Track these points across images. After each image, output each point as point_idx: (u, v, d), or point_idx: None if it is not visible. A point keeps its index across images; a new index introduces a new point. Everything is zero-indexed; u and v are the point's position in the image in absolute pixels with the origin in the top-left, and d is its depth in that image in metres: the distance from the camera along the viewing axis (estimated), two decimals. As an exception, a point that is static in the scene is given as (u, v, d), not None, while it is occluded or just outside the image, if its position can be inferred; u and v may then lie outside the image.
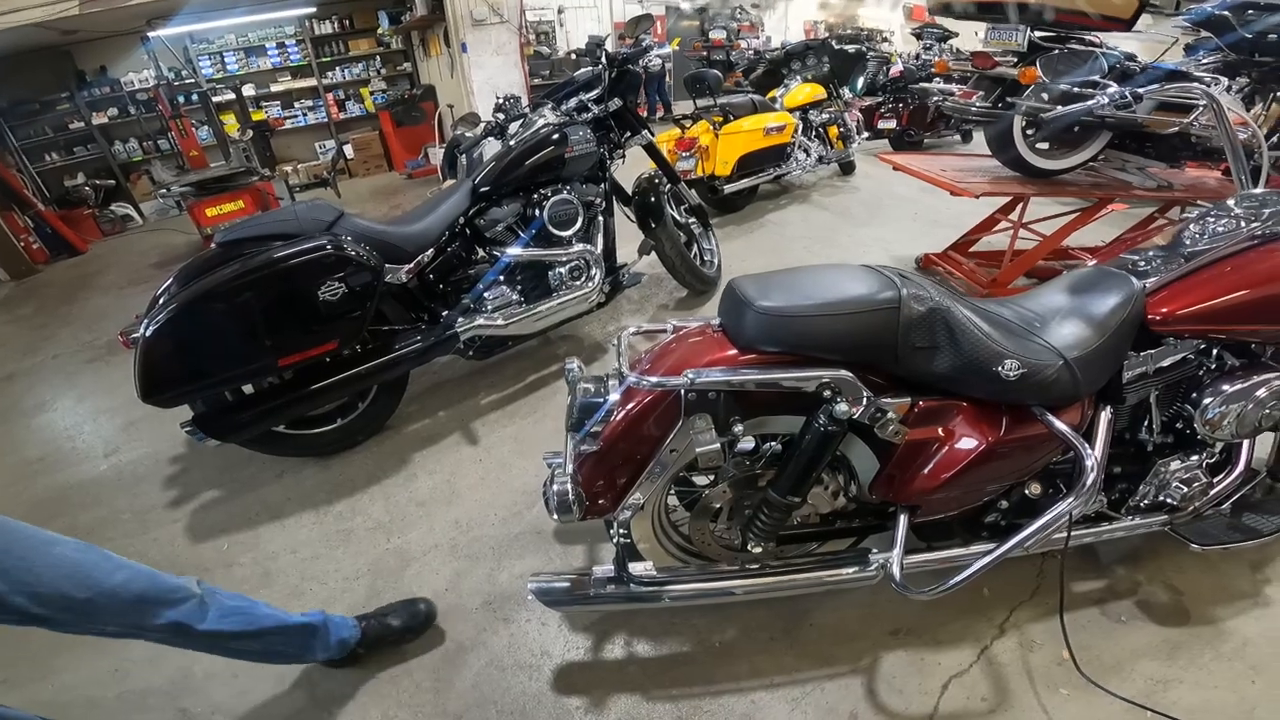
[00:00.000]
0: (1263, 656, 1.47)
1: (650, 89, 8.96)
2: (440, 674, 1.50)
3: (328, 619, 1.40)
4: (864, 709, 1.38)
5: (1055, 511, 1.21)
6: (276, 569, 1.83)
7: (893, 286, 1.13)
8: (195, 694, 1.46)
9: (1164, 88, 1.57)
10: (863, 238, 4.20)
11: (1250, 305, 1.29)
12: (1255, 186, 1.56)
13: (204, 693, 1.46)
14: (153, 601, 1.09)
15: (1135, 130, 2.68)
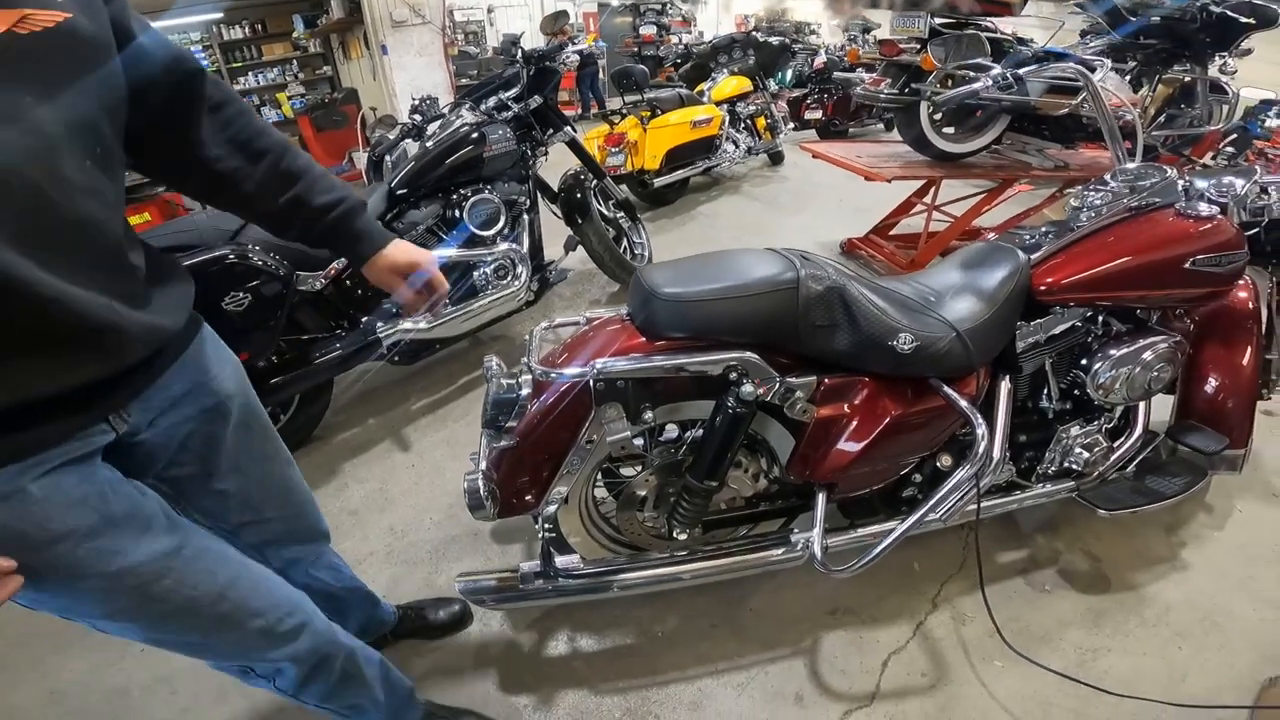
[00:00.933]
0: (1186, 622, 1.54)
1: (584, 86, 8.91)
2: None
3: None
4: (809, 690, 1.41)
5: (953, 482, 1.26)
6: None
7: (791, 267, 1.15)
8: (134, 713, 1.39)
9: (1043, 68, 1.66)
10: (791, 225, 4.30)
11: (1127, 272, 1.38)
12: (1132, 162, 1.67)
13: (145, 712, 1.40)
14: None
15: (1031, 113, 2.83)
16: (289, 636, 0.90)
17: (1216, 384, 1.75)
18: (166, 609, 0.76)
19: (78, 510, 0.66)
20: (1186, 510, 1.90)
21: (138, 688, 1.44)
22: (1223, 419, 1.73)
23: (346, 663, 1.03)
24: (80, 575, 0.68)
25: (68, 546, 0.66)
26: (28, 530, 0.63)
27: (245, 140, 0.84)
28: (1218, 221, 1.45)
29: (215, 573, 0.80)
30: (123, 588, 0.71)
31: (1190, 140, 3.31)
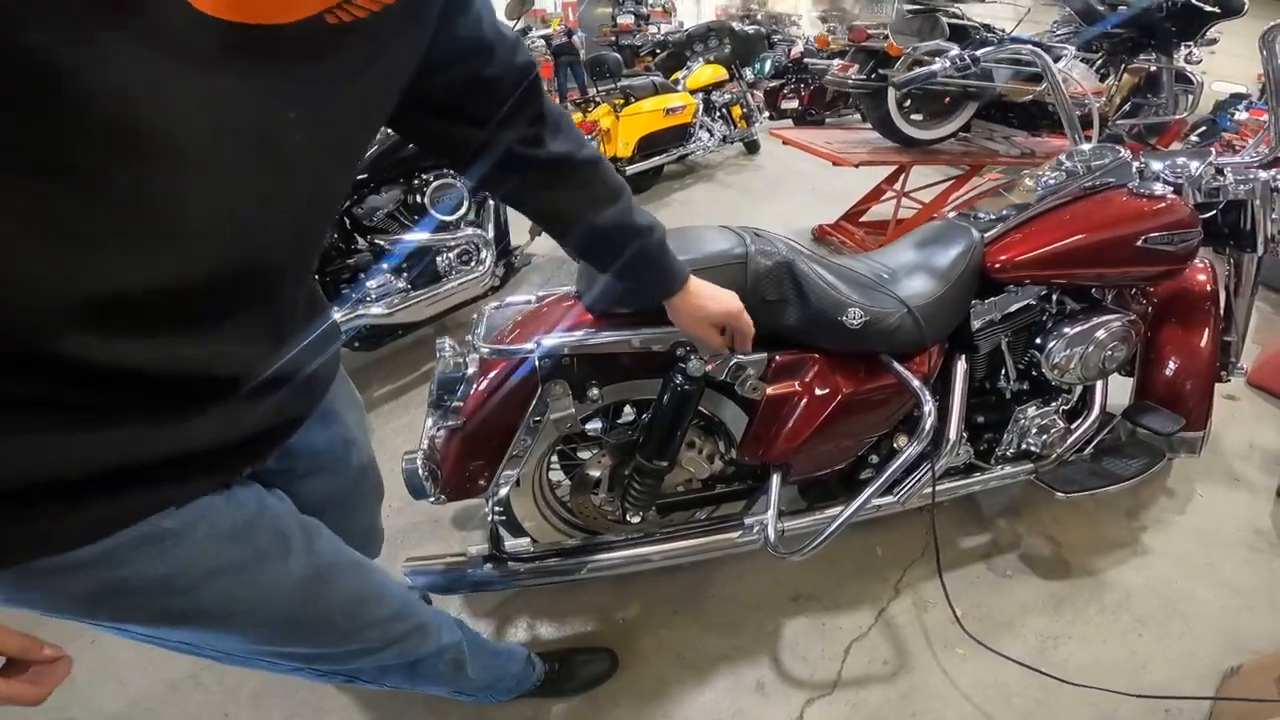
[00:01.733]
0: (1147, 608, 1.55)
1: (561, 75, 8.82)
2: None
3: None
4: (770, 677, 1.40)
5: (900, 460, 1.25)
6: None
7: (741, 243, 1.13)
8: (83, 704, 1.34)
9: (999, 50, 1.66)
10: (764, 212, 4.29)
11: (1079, 250, 1.38)
12: (1088, 144, 1.67)
13: (93, 703, 1.35)
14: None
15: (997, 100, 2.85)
16: (403, 638, 0.83)
17: (1174, 365, 1.77)
18: (301, 631, 0.70)
19: (225, 545, 0.58)
20: (1147, 494, 1.92)
21: (85, 677, 1.39)
22: (1180, 400, 1.75)
23: (455, 653, 0.96)
24: (228, 614, 0.61)
25: (217, 585, 0.58)
26: (172, 575, 0.54)
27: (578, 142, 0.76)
28: (1171, 201, 1.46)
29: (346, 587, 0.73)
30: (265, 620, 0.65)
31: (1156, 129, 3.36)
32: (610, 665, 1.39)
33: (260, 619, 0.64)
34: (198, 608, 0.58)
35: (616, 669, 1.40)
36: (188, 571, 0.55)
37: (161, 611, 0.55)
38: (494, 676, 1.12)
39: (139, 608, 0.52)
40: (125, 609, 0.55)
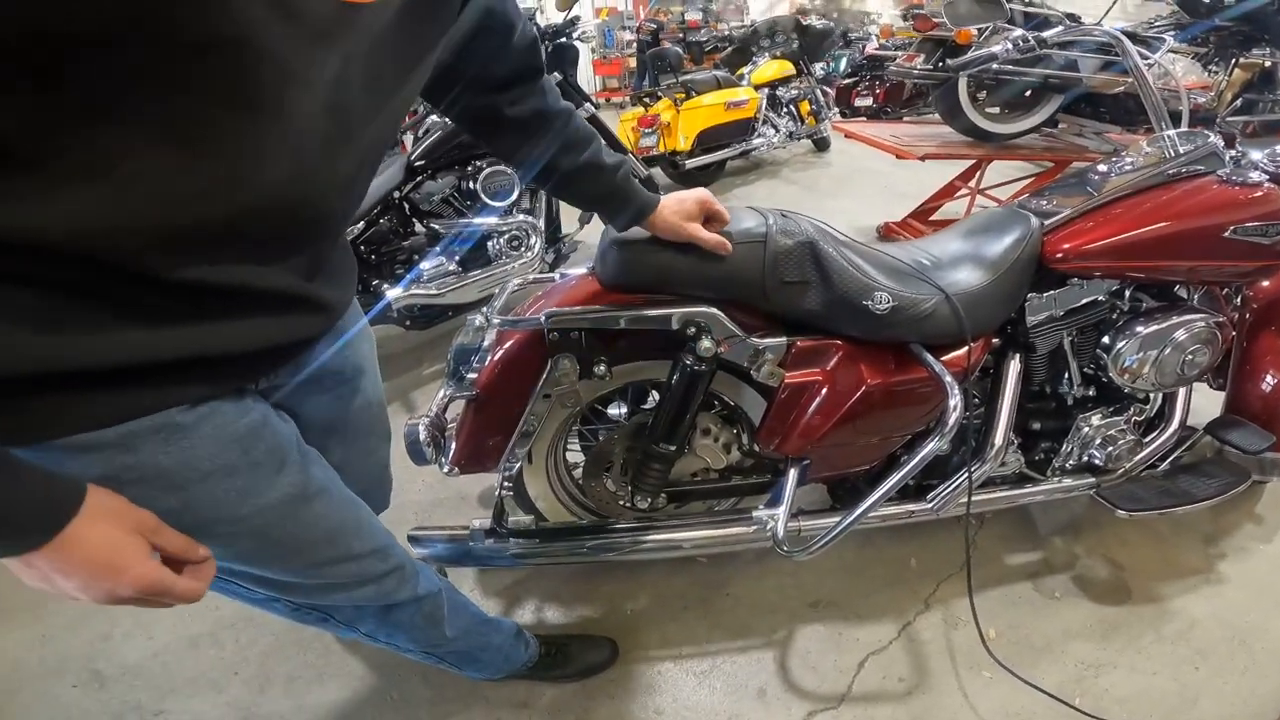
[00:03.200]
0: (1210, 640, 1.39)
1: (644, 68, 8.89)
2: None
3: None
4: (774, 685, 1.33)
5: (917, 458, 1.15)
6: None
7: (762, 222, 1.08)
8: (109, 657, 1.44)
9: (1067, 33, 1.52)
10: (827, 208, 4.14)
11: (1153, 240, 1.24)
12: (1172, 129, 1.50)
13: (118, 655, 1.44)
14: None
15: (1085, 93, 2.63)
16: (380, 578, 0.84)
17: (1271, 378, 1.58)
18: (277, 552, 0.71)
19: (224, 447, 0.60)
20: (1232, 520, 1.71)
21: (120, 633, 1.48)
22: (1276, 418, 1.55)
23: (431, 605, 0.96)
24: (212, 519, 0.62)
25: (209, 486, 0.60)
26: (172, 468, 0.57)
27: (556, 99, 0.88)
28: (1267, 190, 1.29)
29: (329, 515, 0.74)
30: (245, 531, 0.66)
31: (1274, 128, 3.03)
32: (609, 655, 1.36)
33: (242, 530, 0.65)
34: (186, 507, 0.59)
35: (615, 659, 1.37)
36: (186, 468, 0.58)
37: (153, 509, 0.56)
38: (475, 644, 1.10)
39: (135, 501, 0.53)
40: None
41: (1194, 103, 2.78)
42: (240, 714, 1.32)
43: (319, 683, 1.37)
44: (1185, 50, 2.81)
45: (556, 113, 0.88)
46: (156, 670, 1.41)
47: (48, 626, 1.51)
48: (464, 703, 1.32)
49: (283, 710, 1.32)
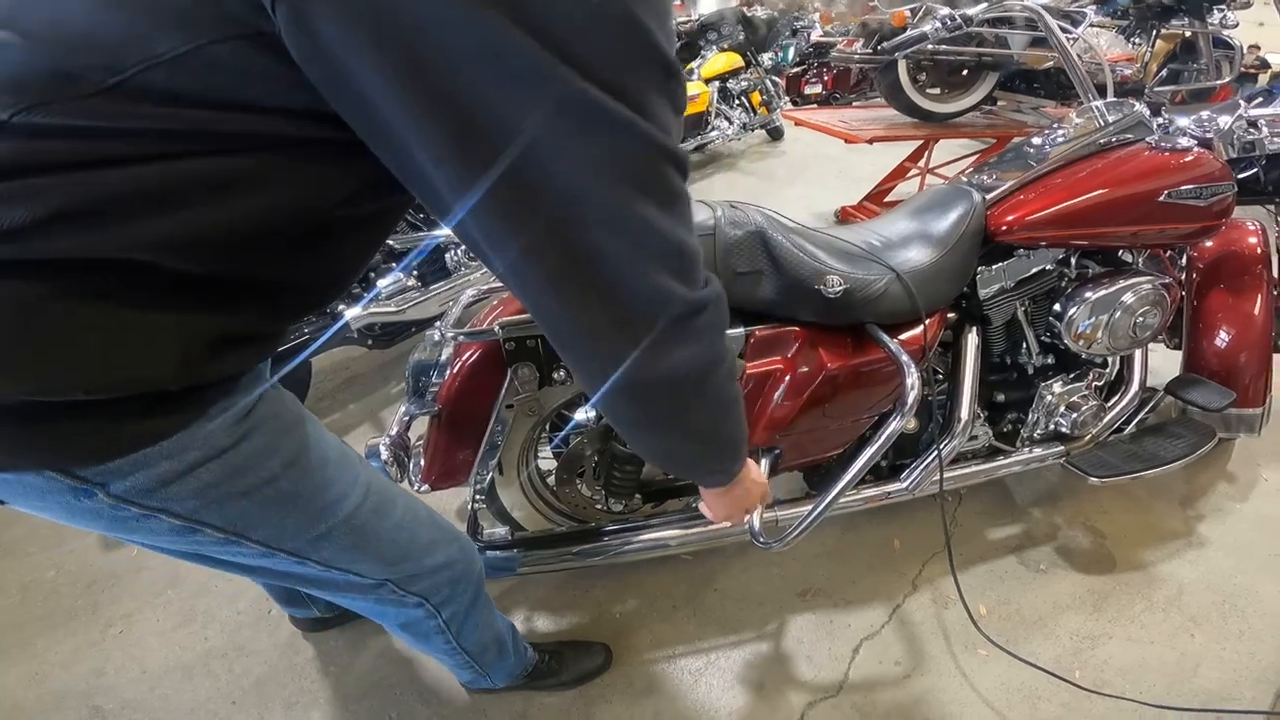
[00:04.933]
0: (1201, 606, 1.41)
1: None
2: (338, 659, 1.44)
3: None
4: (771, 677, 1.33)
5: (881, 439, 1.16)
6: (185, 570, 1.72)
7: (710, 214, 1.09)
8: (107, 692, 1.41)
9: (992, 10, 1.56)
10: (786, 197, 4.19)
11: (1093, 208, 1.28)
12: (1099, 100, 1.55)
13: (115, 690, 1.41)
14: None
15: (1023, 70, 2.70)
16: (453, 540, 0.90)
17: (1224, 335, 1.64)
18: (358, 540, 0.74)
19: (291, 401, 0.68)
20: (1205, 479, 1.75)
21: (112, 668, 1.45)
22: (1233, 373, 1.61)
23: (483, 589, 1.01)
24: (321, 460, 0.68)
25: (306, 428, 0.67)
26: (279, 413, 0.64)
27: None
28: (1197, 154, 1.34)
29: (396, 500, 0.80)
30: (333, 502, 0.70)
31: (1200, 96, 3.16)
32: (604, 660, 1.35)
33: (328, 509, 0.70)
34: (304, 447, 0.67)
35: (610, 664, 1.36)
36: (286, 411, 0.66)
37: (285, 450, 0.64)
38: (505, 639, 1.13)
39: (274, 443, 0.63)
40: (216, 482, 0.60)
41: (1121, 75, 2.87)
42: None
43: (317, 707, 1.34)
44: (1110, 24, 2.90)
45: None
46: (156, 704, 1.38)
47: (40, 664, 1.48)
48: (464, 718, 1.30)
49: None
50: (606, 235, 0.51)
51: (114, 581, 1.69)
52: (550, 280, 0.52)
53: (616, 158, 0.48)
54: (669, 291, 0.55)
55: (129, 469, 0.53)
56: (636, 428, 0.68)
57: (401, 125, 0.44)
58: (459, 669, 1.11)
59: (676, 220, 0.54)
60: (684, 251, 0.55)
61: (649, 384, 0.60)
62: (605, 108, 0.45)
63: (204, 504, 0.59)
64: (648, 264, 0.53)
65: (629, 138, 0.48)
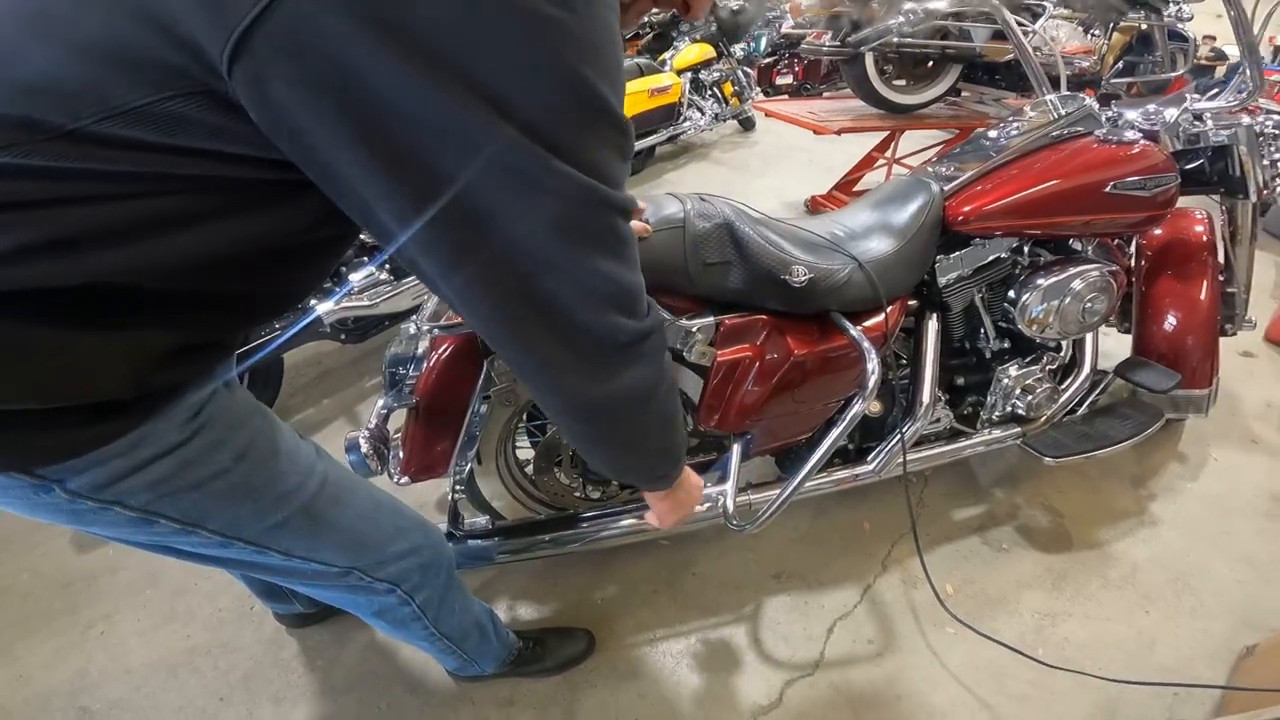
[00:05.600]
0: (1154, 583, 1.46)
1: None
2: (324, 653, 1.45)
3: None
4: (749, 658, 1.37)
5: (844, 423, 1.21)
6: (162, 569, 1.70)
7: (679, 207, 1.11)
8: (92, 692, 1.40)
9: (951, 4, 1.61)
10: (758, 188, 4.24)
11: (1044, 199, 1.34)
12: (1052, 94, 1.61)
13: (100, 691, 1.41)
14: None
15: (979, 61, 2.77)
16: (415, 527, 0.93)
17: (1172, 319, 1.72)
18: (316, 529, 0.76)
19: (246, 400, 0.71)
20: (1157, 459, 1.83)
21: (96, 669, 1.45)
22: (1180, 356, 1.69)
23: (454, 574, 1.04)
24: (273, 451, 0.70)
25: (256, 423, 0.69)
26: (231, 407, 0.67)
27: None
28: (1142, 147, 1.41)
29: (356, 490, 0.82)
30: (287, 492, 0.72)
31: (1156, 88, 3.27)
32: (587, 646, 1.38)
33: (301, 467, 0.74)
34: (253, 440, 0.69)
35: (593, 649, 1.39)
36: (238, 407, 0.69)
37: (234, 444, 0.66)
38: (485, 624, 1.16)
39: (220, 438, 0.65)
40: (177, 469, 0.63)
41: (1078, 67, 2.96)
42: None
43: (305, 701, 1.36)
44: (1069, 16, 2.98)
45: None
46: (143, 702, 1.38)
47: (22, 667, 1.47)
48: (451, 706, 1.32)
49: None
50: (555, 282, 0.54)
51: (91, 583, 1.67)
52: (502, 321, 0.57)
53: (558, 212, 0.51)
54: (616, 326, 0.60)
55: (84, 466, 0.56)
56: (589, 442, 0.73)
57: (354, 177, 0.47)
58: (444, 656, 1.13)
59: (622, 264, 0.58)
60: (630, 291, 0.60)
61: (600, 405, 0.65)
62: (546, 166, 0.48)
63: (157, 496, 0.61)
64: (594, 305, 0.58)
65: (571, 193, 0.50)
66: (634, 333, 0.62)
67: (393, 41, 0.41)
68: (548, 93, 0.46)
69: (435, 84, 0.43)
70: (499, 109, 0.45)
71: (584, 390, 0.63)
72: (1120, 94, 3.21)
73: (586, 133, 0.50)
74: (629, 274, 0.60)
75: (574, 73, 0.46)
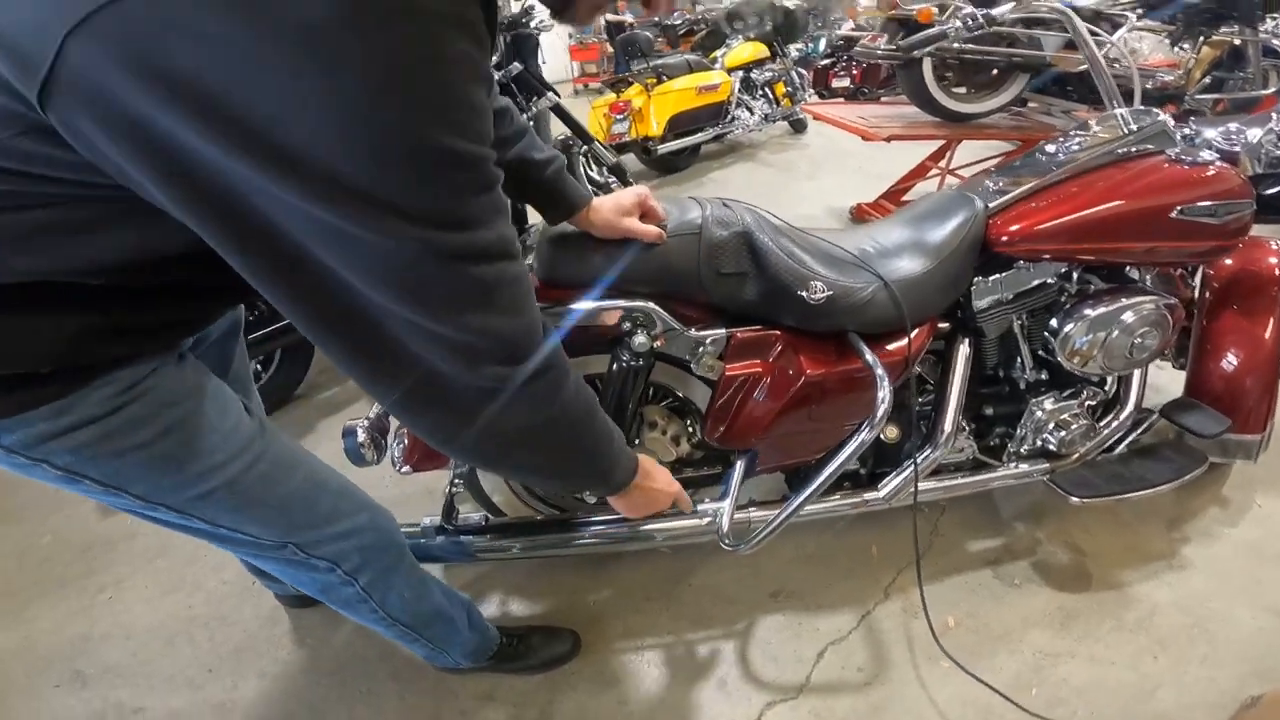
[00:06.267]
0: (1171, 628, 1.38)
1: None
2: (316, 634, 1.47)
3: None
4: (734, 675, 1.34)
5: (849, 449, 1.14)
6: (176, 539, 1.75)
7: (698, 213, 1.07)
8: (90, 656, 1.46)
9: (1019, 9, 1.50)
10: (803, 191, 4.13)
11: (1098, 221, 1.23)
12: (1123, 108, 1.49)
13: (98, 655, 1.46)
14: None
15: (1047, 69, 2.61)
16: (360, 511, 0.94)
17: (1231, 359, 1.58)
18: (242, 503, 0.78)
19: (188, 394, 0.71)
20: (1197, 503, 1.70)
21: (99, 633, 1.50)
22: (1236, 398, 1.55)
23: (405, 560, 1.04)
24: (207, 428, 0.72)
25: (192, 403, 0.71)
26: (169, 385, 0.69)
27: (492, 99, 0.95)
28: (1218, 169, 1.28)
29: (296, 469, 0.83)
30: (240, 446, 0.75)
31: (1244, 105, 3.03)
32: (571, 647, 1.37)
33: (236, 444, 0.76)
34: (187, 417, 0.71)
35: (578, 651, 1.37)
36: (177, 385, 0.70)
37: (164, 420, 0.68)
38: (449, 617, 1.14)
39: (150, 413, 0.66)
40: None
41: (1161, 81, 2.77)
42: (216, 710, 1.33)
43: (290, 679, 1.38)
44: (1159, 28, 2.79)
45: (497, 111, 0.90)
46: (135, 669, 1.43)
47: (31, 629, 1.53)
48: (431, 695, 1.33)
49: (257, 706, 1.34)
50: (406, 333, 0.53)
51: (108, 548, 1.73)
52: (352, 364, 0.56)
53: (388, 266, 0.48)
54: (488, 375, 0.58)
55: (14, 426, 0.61)
56: (496, 469, 0.75)
57: (175, 212, 0.48)
58: (406, 642, 1.13)
59: (489, 314, 0.54)
60: (505, 339, 0.57)
61: (473, 446, 0.65)
62: (360, 221, 0.45)
63: (79, 459, 0.65)
64: (458, 359, 0.55)
65: (397, 248, 0.47)
66: (511, 379, 0.59)
67: (165, 92, 0.40)
68: (337, 140, 0.42)
69: (218, 134, 0.41)
70: (286, 160, 0.42)
71: (454, 430, 0.62)
72: (1205, 110, 3.00)
73: (404, 175, 0.45)
74: (502, 321, 0.56)
75: (372, 113, 0.42)
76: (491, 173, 0.51)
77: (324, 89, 0.40)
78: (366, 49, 0.40)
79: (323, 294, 0.50)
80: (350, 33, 0.39)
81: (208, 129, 0.41)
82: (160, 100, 0.40)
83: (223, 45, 0.39)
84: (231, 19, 0.38)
